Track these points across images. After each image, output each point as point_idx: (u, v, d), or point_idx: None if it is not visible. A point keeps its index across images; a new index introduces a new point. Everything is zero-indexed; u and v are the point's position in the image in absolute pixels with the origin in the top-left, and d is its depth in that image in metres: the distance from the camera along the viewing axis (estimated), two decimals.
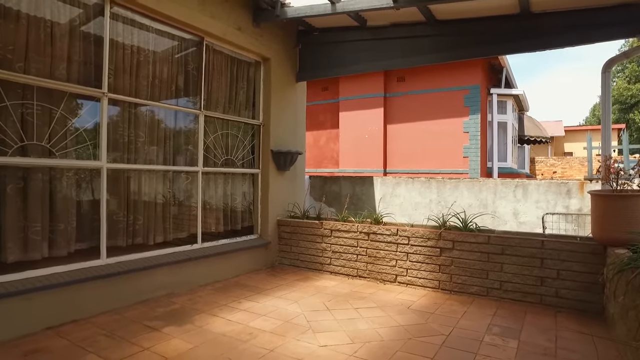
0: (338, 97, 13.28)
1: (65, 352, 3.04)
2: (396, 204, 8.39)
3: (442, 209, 7.39)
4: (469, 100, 11.38)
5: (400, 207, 8.33)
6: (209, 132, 5.28)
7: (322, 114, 13.65)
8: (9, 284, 3.26)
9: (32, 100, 3.57)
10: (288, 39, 6.30)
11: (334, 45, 6.24)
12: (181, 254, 4.66)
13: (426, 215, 6.75)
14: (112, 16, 4.10)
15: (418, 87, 12.13)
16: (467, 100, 11.42)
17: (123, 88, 4.27)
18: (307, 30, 6.32)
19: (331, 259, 5.50)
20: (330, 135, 13.63)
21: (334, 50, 6.23)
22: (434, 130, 11.76)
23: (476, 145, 11.32)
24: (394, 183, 8.56)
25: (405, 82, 12.37)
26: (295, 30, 6.41)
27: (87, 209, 4.09)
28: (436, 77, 11.72)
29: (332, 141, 13.56)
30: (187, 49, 5.02)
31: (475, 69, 11.36)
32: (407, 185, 8.37)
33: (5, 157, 3.37)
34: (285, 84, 6.27)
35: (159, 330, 3.46)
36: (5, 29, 3.40)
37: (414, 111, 12.17)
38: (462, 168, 11.46)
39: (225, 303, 4.21)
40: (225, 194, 5.56)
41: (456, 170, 11.48)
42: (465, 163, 11.43)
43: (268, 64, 6.00)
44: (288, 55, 6.32)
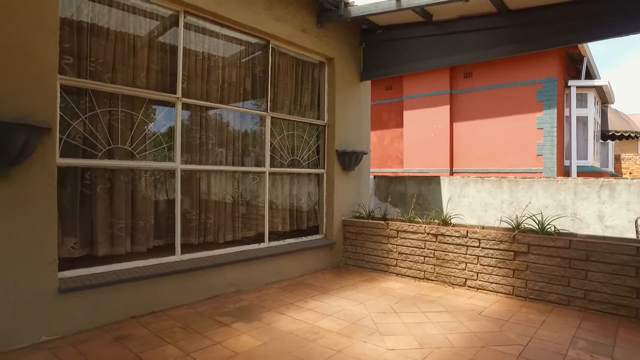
0: (402, 95, 13.00)
1: (147, 340, 3.25)
2: (464, 204, 8.04)
3: (514, 210, 6.95)
4: (543, 95, 10.62)
5: (469, 208, 7.96)
6: (275, 133, 5.40)
7: (386, 113, 13.45)
8: (100, 275, 3.57)
9: (117, 107, 3.89)
10: (351, 39, 6.27)
11: (398, 42, 6.11)
12: (249, 252, 4.81)
13: (497, 216, 6.39)
14: (185, 25, 4.33)
15: (486, 82, 11.54)
16: (541, 94, 10.66)
17: (195, 92, 4.50)
18: (371, 28, 6.26)
19: (397, 260, 5.39)
20: (394, 134, 13.39)
21: (399, 48, 6.10)
22: (504, 128, 11.12)
23: (551, 142, 10.53)
24: (462, 183, 8.21)
25: (472, 78, 11.83)
26: (358, 29, 6.37)
27: (163, 207, 4.37)
28: (506, 72, 11.08)
29: (396, 140, 13.32)
30: (254, 53, 5.17)
31: (551, 60, 10.57)
32: (477, 185, 7.99)
33: (96, 159, 3.72)
34: (349, 83, 6.25)
35: (228, 326, 3.59)
36: (97, 45, 3.75)
37: (482, 108, 11.61)
38: (535, 167, 10.72)
39: (292, 302, 4.28)
40: (291, 194, 5.66)
41: (529, 169, 10.77)
42: (539, 161, 10.68)
43: (332, 64, 6.01)
44: (352, 55, 6.29)
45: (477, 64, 11.14)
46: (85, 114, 3.69)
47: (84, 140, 3.69)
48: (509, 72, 11.04)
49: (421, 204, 8.36)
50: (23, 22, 3.08)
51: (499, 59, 10.04)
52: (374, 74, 6.48)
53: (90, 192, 3.75)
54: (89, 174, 3.73)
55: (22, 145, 2.86)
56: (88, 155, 3.69)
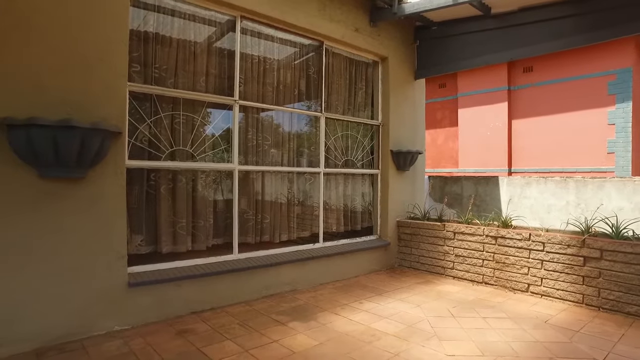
0: (456, 93, 12.61)
1: (208, 335, 3.37)
2: (526, 206, 7.63)
3: (581, 212, 6.49)
4: (616, 87, 9.83)
5: (531, 209, 7.54)
6: (329, 133, 5.42)
7: (440, 111, 13.10)
8: (164, 272, 3.76)
9: (179, 111, 4.08)
10: (405, 36, 6.15)
11: (453, 38, 5.92)
12: (304, 252, 4.86)
13: (562, 219, 6.01)
14: (242, 30, 4.45)
15: (549, 76, 10.89)
16: (614, 86, 9.87)
17: (251, 95, 4.62)
18: (425, 25, 6.10)
19: (454, 262, 5.22)
20: (448, 133, 13.01)
21: (454, 44, 5.91)
22: (570, 124, 10.44)
23: (625, 138, 9.73)
24: (522, 183, 7.80)
25: (532, 73, 11.22)
26: (412, 27, 6.24)
27: (221, 207, 4.52)
28: (572, 64, 10.38)
29: (450, 140, 12.93)
30: (308, 54, 5.22)
31: (625, 49, 9.75)
32: (539, 185, 7.56)
33: (160, 161, 3.92)
34: (403, 82, 6.14)
35: (285, 325, 3.64)
36: (161, 53, 3.96)
37: (543, 104, 10.96)
38: (606, 165, 9.96)
39: (347, 303, 4.27)
40: (345, 194, 5.66)
41: (598, 168, 10.03)
42: (611, 160, 9.91)
43: (386, 63, 5.93)
44: (406, 53, 6.17)
45: (538, 58, 10.55)
46: (151, 118, 3.91)
47: (149, 143, 3.90)
48: (576, 64, 10.35)
49: (478, 205, 8.05)
50: (100, 36, 3.33)
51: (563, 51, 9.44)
52: (428, 72, 6.32)
53: (154, 192, 3.96)
54: (153, 175, 3.95)
55: (97, 148, 3.07)
56: (153, 157, 3.91)
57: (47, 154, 2.89)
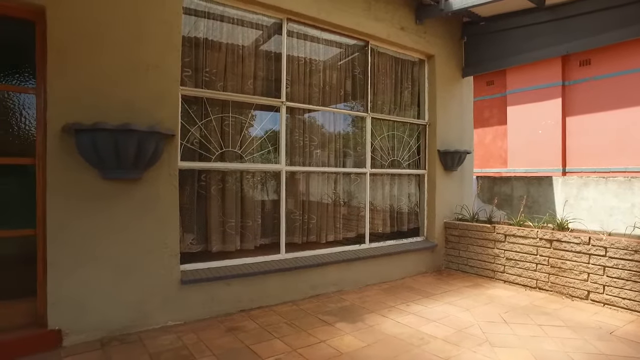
0: (505, 90, 12.10)
1: (257, 333, 3.43)
2: (583, 208, 7.20)
3: None
4: None
5: (589, 212, 7.11)
6: (375, 133, 5.37)
7: (488, 110, 12.63)
8: (214, 270, 3.87)
9: (228, 113, 4.19)
10: (452, 33, 5.99)
11: (503, 33, 5.68)
12: (350, 253, 4.84)
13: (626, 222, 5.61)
14: (288, 32, 4.50)
15: (609, 69, 10.17)
16: None
17: (298, 96, 4.66)
18: (473, 21, 5.91)
19: (505, 266, 5.01)
20: (496, 132, 12.52)
21: (504, 39, 5.67)
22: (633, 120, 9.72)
23: None
24: (579, 184, 7.37)
25: (590, 66, 10.54)
26: (459, 23, 6.06)
27: (268, 207, 4.59)
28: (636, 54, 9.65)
29: (498, 139, 12.43)
30: (353, 54, 5.20)
31: None
32: (598, 186, 7.11)
33: (210, 162, 4.04)
34: (450, 80, 5.98)
35: (332, 325, 3.63)
36: (211, 57, 4.08)
37: (603, 99, 10.27)
38: None
39: (394, 305, 4.20)
40: (392, 195, 5.59)
41: None
42: None
43: (432, 61, 5.80)
44: (453, 50, 6.01)
45: (597, 50, 9.88)
46: (201, 121, 4.04)
47: (200, 145, 4.03)
48: None
49: (530, 206, 7.69)
50: (155, 43, 3.49)
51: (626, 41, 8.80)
52: (476, 69, 6.11)
53: (205, 192, 4.09)
54: (204, 176, 4.08)
55: (153, 150, 3.21)
56: (203, 159, 4.03)
57: (108, 156, 3.06)
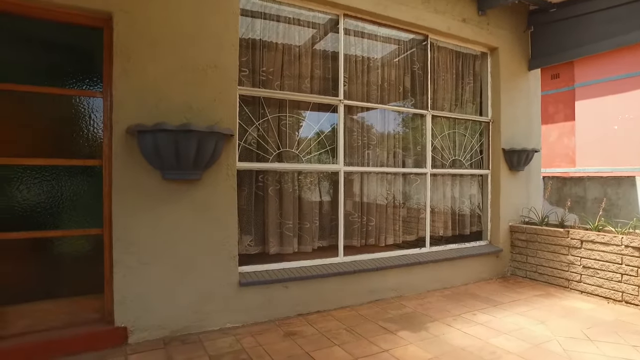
0: (573, 83, 11.22)
1: (315, 339, 3.31)
2: None
3: None
4: None
5: None
6: (435, 132, 5.10)
7: (552, 105, 11.78)
8: (272, 272, 3.80)
9: (285, 112, 4.12)
10: (518, 23, 5.59)
11: (576, 20, 5.20)
12: (410, 257, 4.61)
13: None
14: (345, 29, 4.37)
15: None
16: None
17: (356, 94, 4.51)
18: (541, 8, 5.47)
19: (582, 275, 4.56)
20: (562, 129, 11.65)
21: (577, 27, 5.19)
22: None
23: None
24: None
25: None
26: (525, 12, 5.65)
27: (326, 209, 4.47)
28: None
29: (565, 136, 11.56)
30: (411, 49, 4.97)
31: None
32: None
33: (267, 163, 3.98)
34: (516, 74, 5.58)
35: (393, 333, 3.44)
36: (267, 57, 4.04)
37: None
38: None
39: (459, 313, 3.93)
40: (453, 196, 5.28)
41: None
42: None
43: (496, 54, 5.44)
44: (518, 41, 5.60)
45: None
46: (258, 121, 3.99)
47: (258, 145, 3.99)
48: None
49: (607, 209, 7.02)
50: (213, 44, 3.49)
51: None
52: (545, 60, 5.65)
53: (262, 193, 4.04)
54: (261, 177, 4.03)
55: (212, 151, 3.18)
56: (261, 159, 3.98)
57: (169, 157, 3.06)
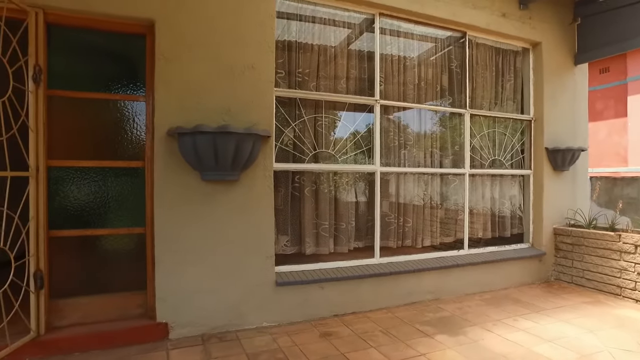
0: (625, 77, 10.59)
1: (351, 340, 3.30)
2: None
3: None
4: None
5: None
6: (474, 131, 4.97)
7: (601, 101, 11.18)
8: (308, 273, 3.82)
9: (321, 113, 4.13)
10: (562, 16, 5.34)
11: (629, 9, 4.88)
12: (448, 259, 4.51)
13: None
14: (380, 29, 4.33)
15: None
16: None
17: (392, 94, 4.46)
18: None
19: (636, 282, 4.31)
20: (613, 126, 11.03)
21: (630, 16, 4.86)
22: None
23: None
24: None
25: None
26: (571, 3, 5.39)
27: (362, 210, 4.44)
28: None
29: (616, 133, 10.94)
30: (448, 47, 4.86)
31: None
32: None
33: (304, 163, 4.01)
34: (560, 69, 5.34)
35: (431, 337, 3.38)
36: (303, 58, 4.07)
37: None
38: None
39: (499, 318, 3.81)
40: (492, 197, 5.13)
41: None
42: None
43: (538, 49, 5.23)
44: (563, 35, 5.36)
45: None
46: (295, 122, 4.02)
47: (294, 146, 4.02)
48: None
49: None
50: (250, 46, 3.55)
51: None
52: (594, 54, 5.37)
53: (299, 194, 4.06)
54: (297, 177, 4.05)
55: (249, 152, 3.23)
56: (297, 160, 4.01)
57: (208, 158, 3.13)
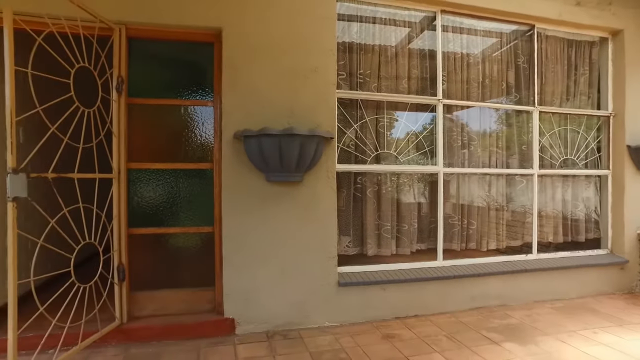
0: None
1: (414, 344, 3.26)
2: None
3: None
4: None
5: None
6: (543, 129, 4.70)
7: None
8: (370, 274, 3.82)
9: (382, 114, 4.11)
10: None
11: None
12: (515, 263, 4.31)
13: None
14: (442, 26, 4.22)
15: None
16: None
17: (455, 93, 4.34)
18: None
19: None
20: None
21: None
22: None
23: None
24: None
25: None
26: None
27: (424, 211, 4.36)
28: None
29: None
30: (514, 41, 4.63)
31: None
32: None
33: (366, 164, 4.01)
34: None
35: (498, 344, 3.25)
36: (364, 59, 4.07)
37: None
38: None
39: (574, 329, 3.58)
40: (564, 199, 4.82)
41: None
42: None
43: (619, 38, 4.83)
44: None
45: None
46: (356, 123, 4.03)
47: (355, 147, 4.03)
48: None
49: None
50: (313, 49, 3.62)
51: None
52: None
53: (360, 195, 4.07)
54: (359, 178, 4.06)
55: (313, 153, 3.29)
56: (359, 161, 4.02)
57: (273, 160, 3.23)
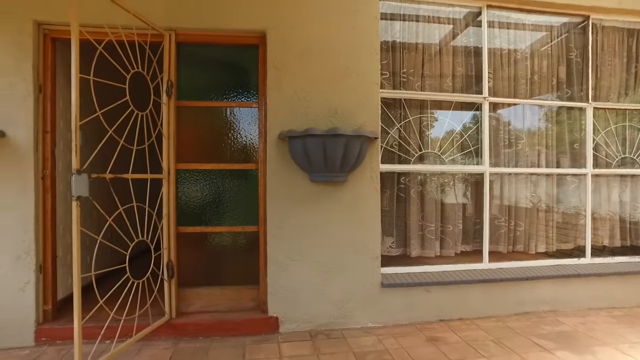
0: None
1: (460, 348, 3.19)
2: None
3: None
4: None
5: None
6: (598, 126, 4.46)
7: None
8: (414, 275, 3.78)
9: (426, 113, 4.05)
10: None
11: None
12: (567, 267, 4.12)
13: None
14: (488, 22, 4.10)
15: None
16: None
17: (501, 90, 4.20)
18: None
19: None
20: None
21: None
22: None
23: None
24: None
25: None
26: None
27: (470, 212, 4.25)
28: None
29: None
30: (565, 34, 4.42)
31: None
32: None
33: (409, 164, 3.96)
34: None
35: (550, 352, 3.12)
36: (407, 58, 4.02)
37: None
38: None
39: (637, 340, 3.38)
40: (621, 200, 4.56)
41: None
42: None
43: None
44: None
45: None
46: (400, 122, 3.98)
47: (399, 147, 3.98)
48: None
49: None
50: (356, 49, 3.61)
51: None
52: None
53: (404, 195, 4.02)
54: (403, 179, 4.02)
55: (357, 154, 3.29)
56: (402, 161, 3.97)
57: (317, 161, 3.25)
